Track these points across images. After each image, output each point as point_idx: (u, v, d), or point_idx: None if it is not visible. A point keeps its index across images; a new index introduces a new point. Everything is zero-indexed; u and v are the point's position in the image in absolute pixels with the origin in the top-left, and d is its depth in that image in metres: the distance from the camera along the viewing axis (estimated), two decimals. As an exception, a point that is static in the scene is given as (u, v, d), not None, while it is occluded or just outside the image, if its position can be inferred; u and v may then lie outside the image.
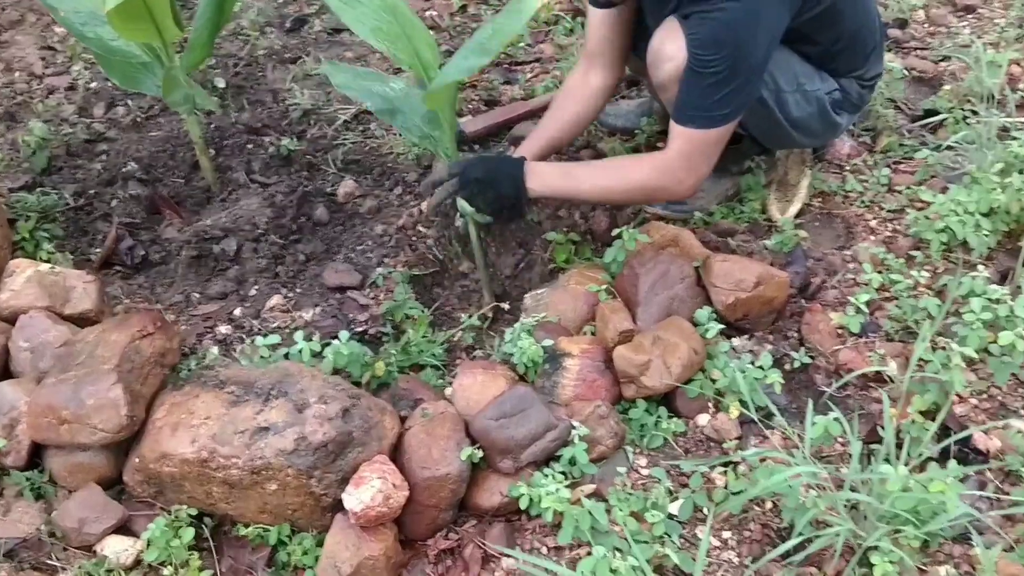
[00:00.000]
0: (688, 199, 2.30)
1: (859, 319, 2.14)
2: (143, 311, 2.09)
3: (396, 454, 1.92)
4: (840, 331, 2.18)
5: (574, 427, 1.91)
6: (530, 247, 2.58)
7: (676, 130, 2.08)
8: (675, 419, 2.05)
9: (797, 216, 2.55)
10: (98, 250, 2.63)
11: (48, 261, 2.51)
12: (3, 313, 2.21)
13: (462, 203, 2.21)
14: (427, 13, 3.59)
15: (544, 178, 2.18)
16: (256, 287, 2.56)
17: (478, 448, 1.88)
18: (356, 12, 2.03)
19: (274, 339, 2.14)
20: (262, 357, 2.11)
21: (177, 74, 2.43)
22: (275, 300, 2.50)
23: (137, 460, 1.92)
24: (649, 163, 2.16)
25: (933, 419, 1.94)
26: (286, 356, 2.12)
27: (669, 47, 2.04)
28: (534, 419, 1.90)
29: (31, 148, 2.83)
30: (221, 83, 3.19)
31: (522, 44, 3.42)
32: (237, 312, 2.48)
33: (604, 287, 2.23)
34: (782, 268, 2.37)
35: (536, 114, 3.04)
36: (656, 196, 2.29)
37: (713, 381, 2.06)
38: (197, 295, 2.56)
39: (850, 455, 1.77)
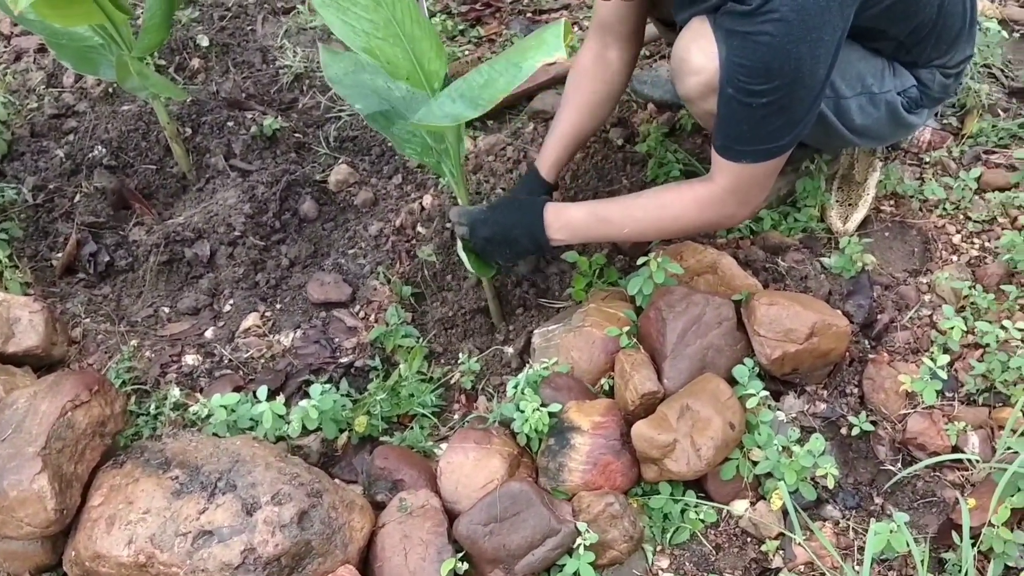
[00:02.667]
0: None
1: (935, 385, 1.74)
2: (77, 373, 1.79)
3: (367, 557, 1.63)
4: (911, 391, 1.80)
5: (580, 531, 1.58)
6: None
7: (721, 164, 1.66)
8: (706, 506, 1.71)
9: (863, 225, 2.13)
10: (59, 254, 2.33)
11: (1, 274, 2.23)
12: (-66, 355, 1.93)
13: (462, 254, 1.86)
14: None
15: (571, 225, 1.80)
16: (232, 301, 2.25)
17: (463, 559, 1.57)
18: (348, 18, 1.61)
19: (232, 399, 1.83)
20: (216, 426, 1.81)
21: (128, 61, 2.06)
22: (251, 319, 2.19)
23: (73, 554, 1.65)
24: (693, 199, 1.75)
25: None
26: (247, 428, 1.82)
27: (696, 58, 1.61)
28: (531, 523, 1.58)
29: (-12, 134, 2.51)
30: (204, 41, 2.79)
31: (548, -11, 2.95)
32: (209, 334, 2.19)
33: (625, 330, 1.86)
34: (843, 298, 1.97)
35: (561, 81, 2.62)
36: (707, 231, 1.99)
37: (753, 463, 1.71)
38: (167, 309, 2.26)
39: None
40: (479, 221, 1.83)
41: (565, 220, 1.80)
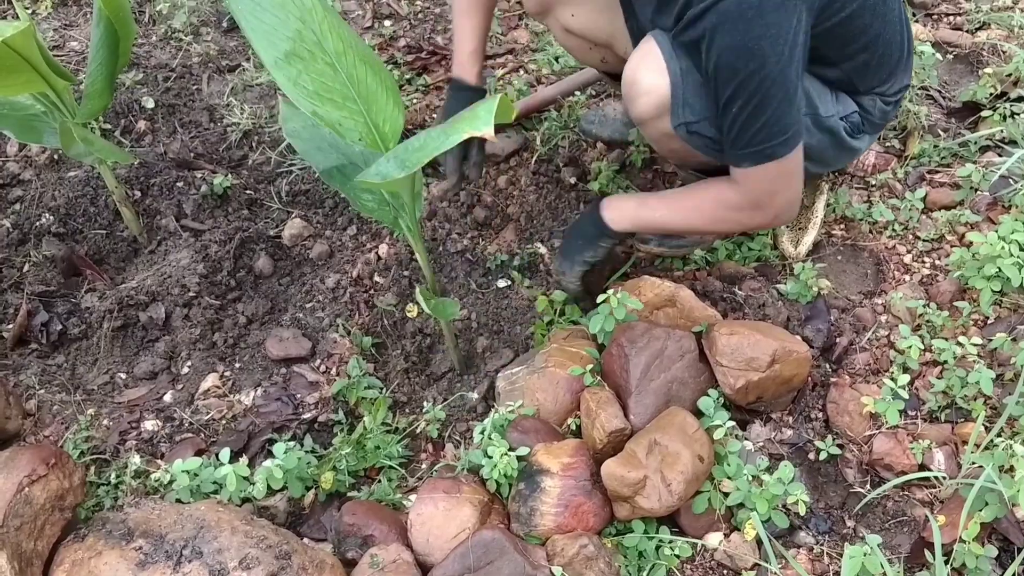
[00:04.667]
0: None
1: (897, 405, 1.76)
2: (33, 447, 1.74)
3: (341, 617, 1.60)
4: (874, 412, 1.81)
5: (555, 576, 1.57)
6: (512, 298, 2.21)
7: (732, 169, 1.72)
8: (680, 541, 1.70)
9: (815, 248, 2.16)
10: (10, 326, 2.28)
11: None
12: None
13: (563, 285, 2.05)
14: None
15: (621, 209, 1.92)
16: (189, 363, 2.21)
17: (438, 612, 1.55)
18: (291, 71, 1.60)
19: (194, 463, 1.79)
20: (179, 492, 1.77)
21: (72, 128, 2.03)
22: (210, 380, 2.16)
23: (35, 636, 1.60)
24: (714, 198, 1.81)
25: (993, 534, 1.60)
26: (211, 492, 1.78)
27: (645, 78, 1.64)
28: (505, 571, 1.56)
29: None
30: (150, 103, 2.77)
31: (491, 33, 2.98)
32: (168, 398, 2.14)
33: (589, 368, 1.86)
34: (801, 323, 1.99)
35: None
36: (732, 231, 2.15)
37: (725, 495, 1.70)
38: (123, 376, 2.21)
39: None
40: (562, 243, 2.07)
41: (616, 205, 1.92)
